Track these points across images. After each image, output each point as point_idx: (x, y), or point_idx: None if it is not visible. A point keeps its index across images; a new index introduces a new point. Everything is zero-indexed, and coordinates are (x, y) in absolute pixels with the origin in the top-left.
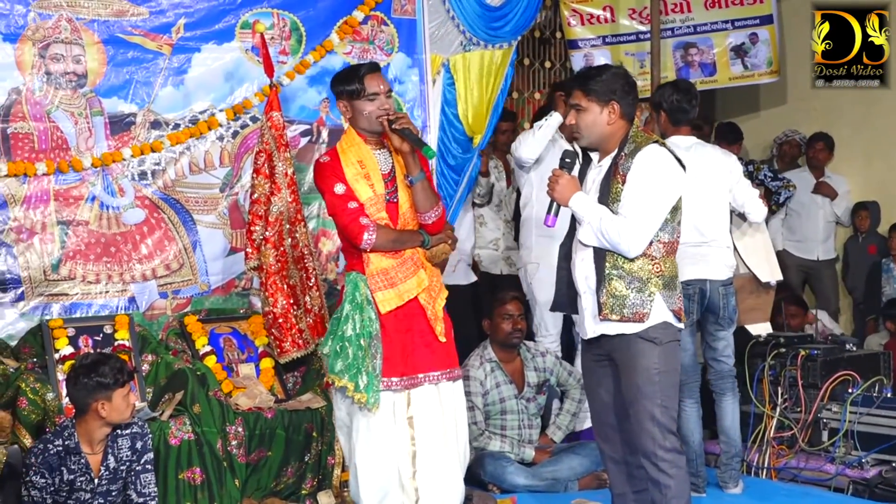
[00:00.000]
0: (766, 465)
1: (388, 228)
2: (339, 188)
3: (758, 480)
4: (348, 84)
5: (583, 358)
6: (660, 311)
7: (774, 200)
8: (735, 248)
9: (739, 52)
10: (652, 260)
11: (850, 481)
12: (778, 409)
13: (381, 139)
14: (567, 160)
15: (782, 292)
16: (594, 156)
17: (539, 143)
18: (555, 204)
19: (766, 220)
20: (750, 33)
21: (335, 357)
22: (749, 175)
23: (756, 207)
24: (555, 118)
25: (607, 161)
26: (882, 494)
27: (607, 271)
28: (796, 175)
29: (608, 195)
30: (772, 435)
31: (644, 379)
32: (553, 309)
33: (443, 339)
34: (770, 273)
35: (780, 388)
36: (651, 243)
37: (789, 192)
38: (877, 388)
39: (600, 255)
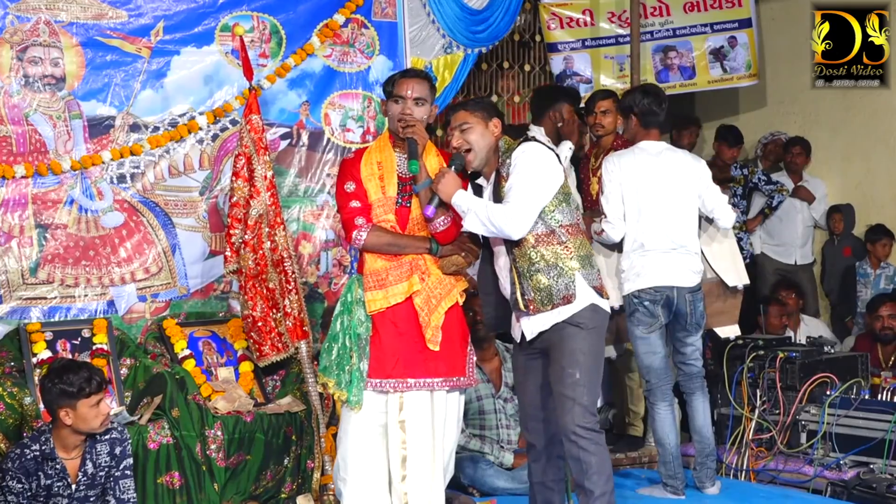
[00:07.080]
0: (744, 466)
1: (384, 231)
2: (349, 186)
3: (736, 482)
4: (386, 85)
5: (514, 359)
6: (584, 291)
7: (767, 204)
8: (702, 253)
9: (718, 55)
10: (561, 244)
11: (828, 483)
12: (756, 412)
13: None
14: (456, 161)
15: (756, 296)
16: (483, 181)
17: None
18: (437, 197)
19: (758, 225)
20: (729, 37)
21: (322, 354)
22: (744, 178)
23: (725, 213)
24: (566, 145)
25: (493, 175)
26: (860, 496)
27: (526, 270)
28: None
29: (499, 199)
30: (750, 437)
31: (569, 360)
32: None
33: (433, 348)
34: (737, 277)
35: (758, 391)
36: (553, 230)
37: (781, 197)
38: (855, 391)
39: (515, 259)
